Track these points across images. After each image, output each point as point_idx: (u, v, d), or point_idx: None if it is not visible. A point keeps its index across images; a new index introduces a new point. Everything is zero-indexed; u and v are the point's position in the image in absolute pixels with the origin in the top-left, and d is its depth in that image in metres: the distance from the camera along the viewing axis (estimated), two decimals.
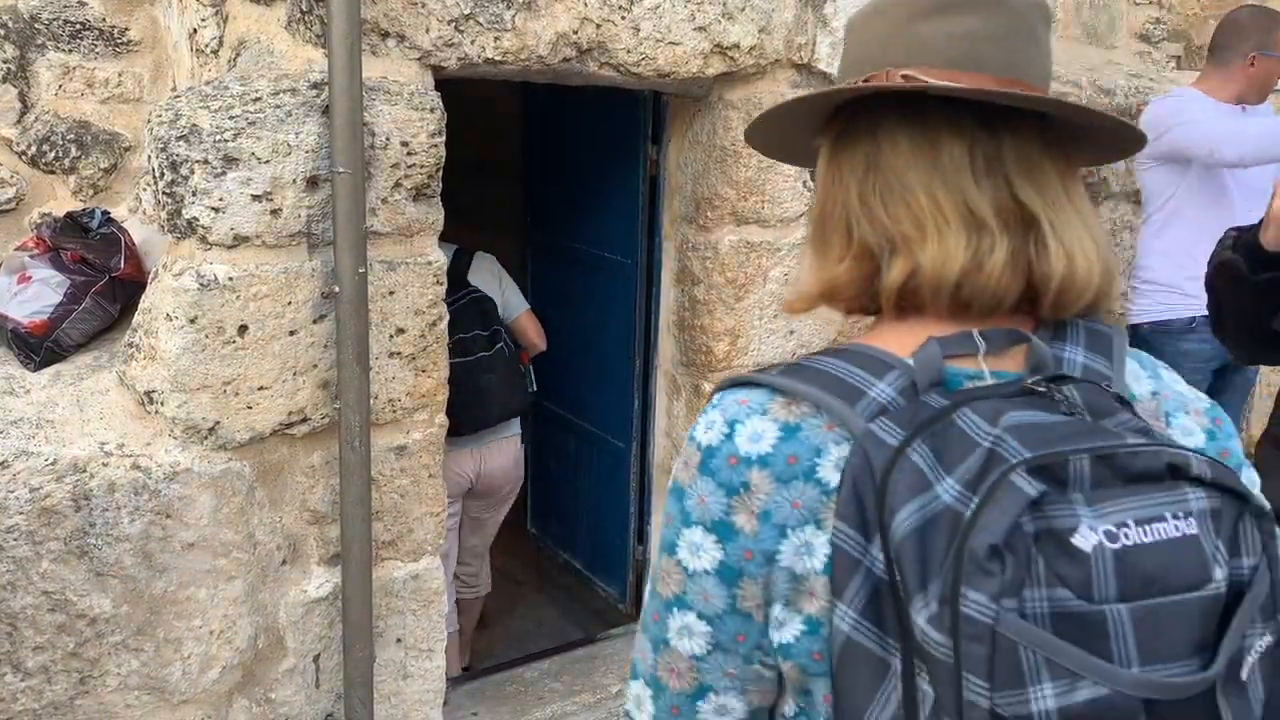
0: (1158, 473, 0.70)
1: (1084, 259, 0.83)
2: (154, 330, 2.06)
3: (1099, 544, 0.67)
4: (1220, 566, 0.69)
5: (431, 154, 2.24)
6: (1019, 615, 0.66)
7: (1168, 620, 0.67)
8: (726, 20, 2.63)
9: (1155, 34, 4.82)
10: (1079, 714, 0.65)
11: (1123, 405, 0.77)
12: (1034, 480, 0.68)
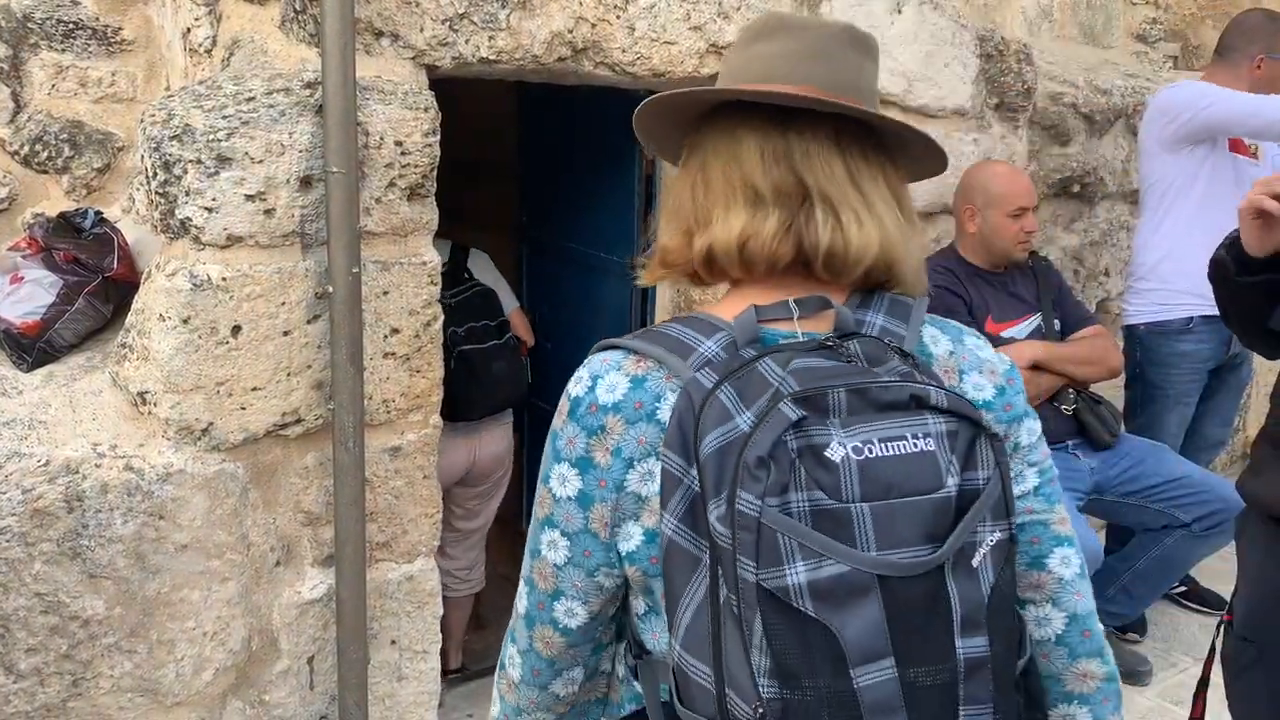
0: (903, 403, 0.89)
1: (856, 232, 1.00)
2: (147, 331, 2.05)
3: (846, 456, 0.86)
4: (953, 476, 0.88)
5: (425, 154, 2.23)
6: (782, 511, 0.84)
7: (902, 516, 0.86)
8: (722, 20, 2.62)
9: (1152, 34, 4.82)
10: (823, 586, 0.84)
11: (902, 356, 0.95)
12: (797, 408, 0.86)
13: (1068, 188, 3.66)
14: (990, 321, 2.97)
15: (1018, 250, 2.98)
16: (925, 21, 3.07)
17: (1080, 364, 2.96)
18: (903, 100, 3.07)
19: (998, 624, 0.89)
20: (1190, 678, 3.07)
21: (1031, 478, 1.04)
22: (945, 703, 0.86)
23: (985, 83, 3.30)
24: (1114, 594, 2.93)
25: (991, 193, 2.96)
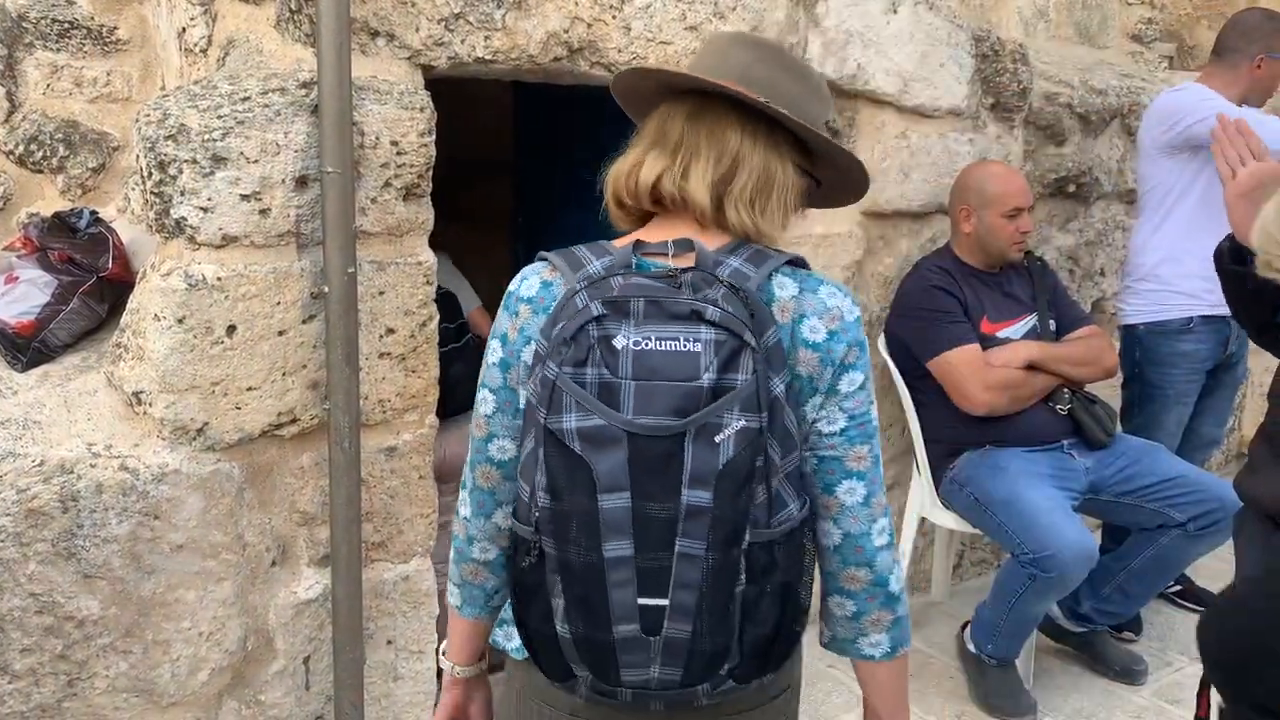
0: (685, 315, 1.15)
1: (698, 187, 1.27)
2: (142, 330, 2.05)
3: (626, 346, 1.14)
4: (710, 373, 1.13)
5: (421, 153, 2.23)
6: (575, 379, 1.14)
7: (658, 394, 1.12)
8: (718, 20, 2.62)
9: (1148, 34, 4.83)
10: (586, 432, 1.13)
11: (734, 291, 1.17)
12: (603, 308, 1.16)
13: (1063, 188, 3.67)
14: (986, 321, 2.97)
15: (1013, 250, 2.99)
16: (921, 21, 3.07)
17: (1076, 364, 2.97)
18: (898, 100, 3.07)
19: (724, 487, 1.12)
20: (1186, 676, 3.08)
21: (841, 420, 1.26)
22: (666, 533, 1.13)
23: (981, 83, 3.30)
24: (1109, 593, 2.94)
25: (987, 193, 2.96)
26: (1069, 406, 2.95)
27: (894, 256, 3.23)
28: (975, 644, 2.92)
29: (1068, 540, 2.59)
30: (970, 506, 2.89)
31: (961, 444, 2.97)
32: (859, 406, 1.27)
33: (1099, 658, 3.10)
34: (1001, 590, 2.78)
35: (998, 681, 2.87)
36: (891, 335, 3.11)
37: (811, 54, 2.85)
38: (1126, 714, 2.89)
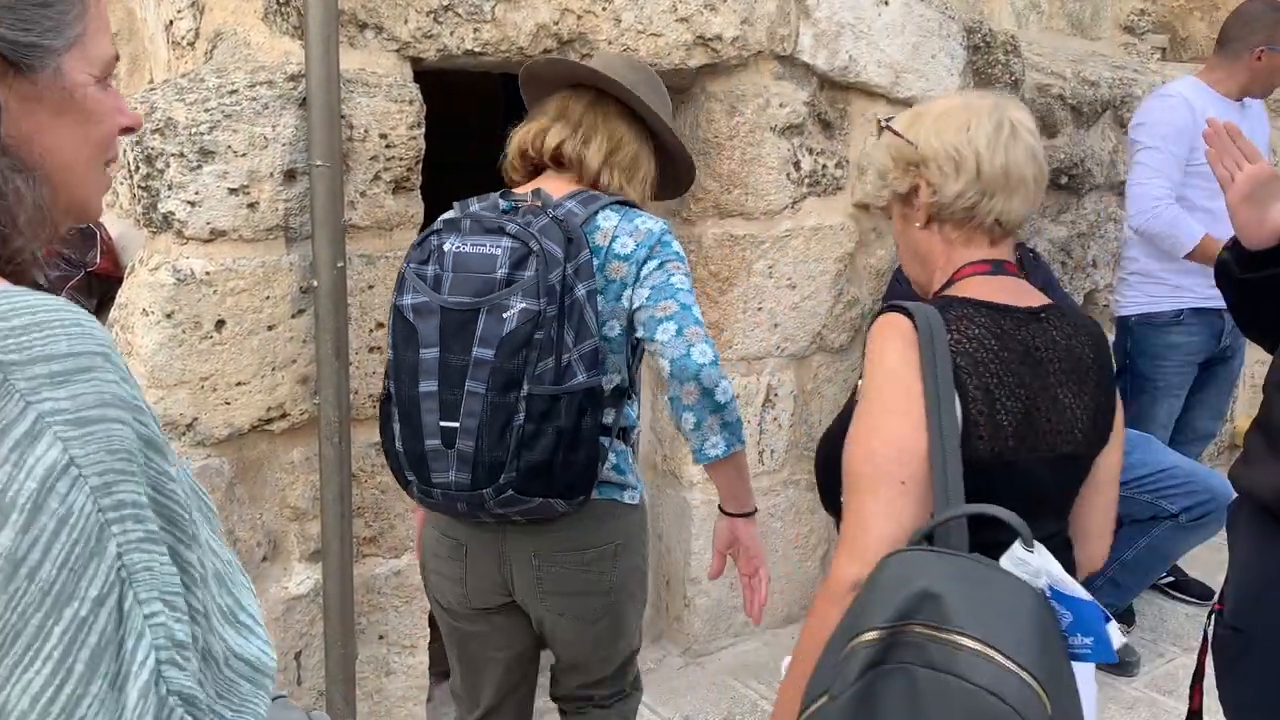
0: (496, 229, 1.61)
1: (594, 155, 1.74)
2: (130, 325, 2.04)
3: (449, 249, 1.62)
4: (504, 269, 1.58)
5: (411, 146, 2.22)
6: (417, 273, 1.63)
7: (467, 282, 1.59)
8: (709, 11, 2.61)
9: (1140, 25, 4.83)
10: (415, 305, 1.61)
11: (554, 220, 1.61)
12: (442, 224, 1.67)
13: (1055, 179, 3.66)
14: None
15: None
16: (912, 13, 3.06)
17: None
18: (890, 92, 3.07)
19: (505, 349, 1.56)
20: (1178, 667, 3.08)
21: (645, 292, 1.67)
22: (460, 376, 1.57)
23: (973, 74, 3.29)
24: (1101, 584, 2.94)
25: None
26: None
27: (886, 249, 3.22)
28: None
29: None
30: None
31: None
32: (658, 279, 1.68)
33: None
34: None
35: None
36: None
37: (803, 46, 2.84)
38: (1120, 705, 2.89)
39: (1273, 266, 1.57)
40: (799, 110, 2.88)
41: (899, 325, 1.31)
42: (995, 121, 1.39)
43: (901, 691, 1.05)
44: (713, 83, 2.78)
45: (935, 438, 1.26)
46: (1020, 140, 1.39)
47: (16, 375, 0.65)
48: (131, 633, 0.68)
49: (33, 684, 0.63)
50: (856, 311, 3.18)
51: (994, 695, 1.02)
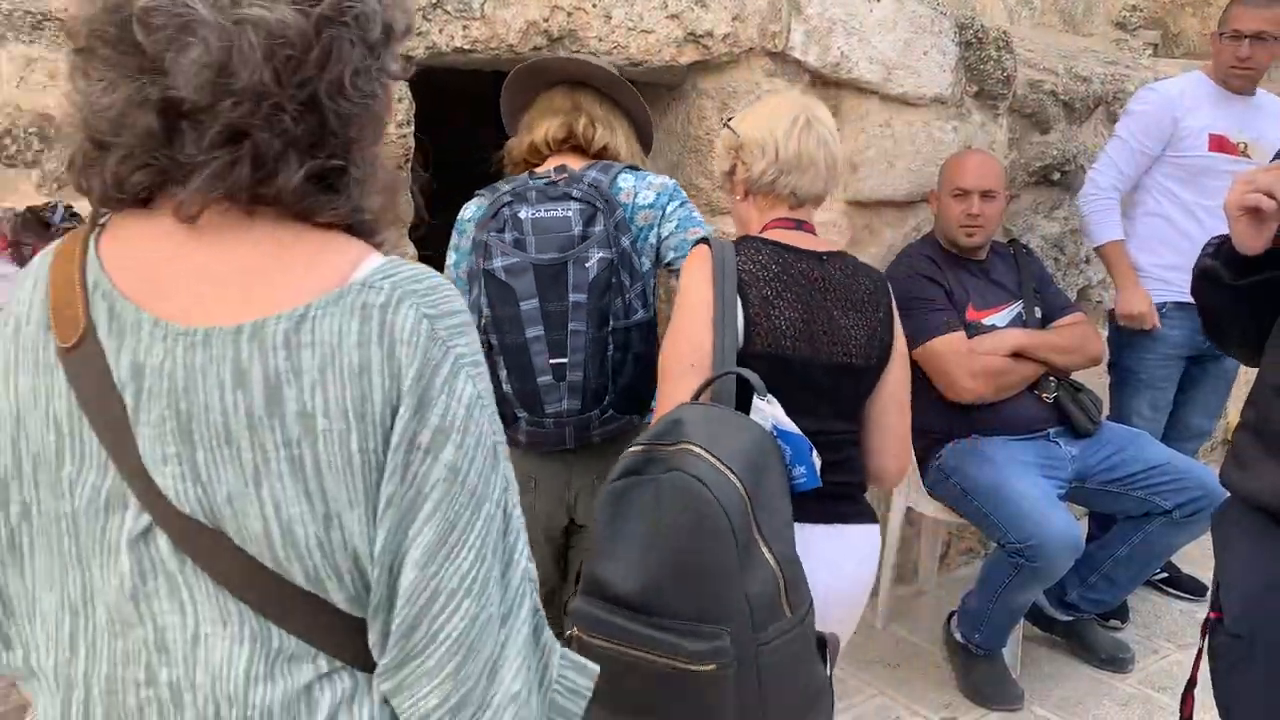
0: (560, 196, 1.87)
1: (604, 134, 2.01)
2: None
3: (528, 216, 1.86)
4: (579, 227, 1.85)
5: (400, 144, 2.21)
6: (498, 238, 1.84)
7: (547, 240, 1.84)
8: (700, 7, 2.60)
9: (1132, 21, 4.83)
10: (505, 266, 1.83)
11: (590, 186, 1.88)
12: (510, 196, 1.88)
13: (1048, 175, 3.66)
14: (971, 308, 2.96)
15: (961, 235, 2.95)
16: (904, 9, 3.06)
17: (1061, 352, 2.96)
18: (882, 88, 3.06)
19: (594, 291, 1.83)
20: (1172, 664, 3.08)
21: (672, 224, 1.96)
22: (561, 318, 1.82)
23: (965, 70, 3.29)
24: (1096, 581, 2.94)
25: (944, 175, 2.99)
26: (1055, 395, 2.95)
27: (879, 246, 3.22)
28: (962, 634, 2.92)
29: (1054, 529, 2.58)
30: (956, 496, 2.89)
31: (947, 433, 2.96)
32: (682, 214, 1.97)
33: (1086, 646, 3.10)
34: (988, 580, 2.78)
35: (985, 671, 2.87)
36: None
37: (794, 43, 2.83)
38: (1114, 701, 2.89)
39: (1267, 271, 1.53)
40: None
41: (700, 252, 1.78)
42: (793, 117, 1.82)
43: (648, 492, 1.46)
44: (704, 79, 2.77)
45: (719, 333, 1.69)
46: (813, 131, 1.82)
47: (439, 325, 0.83)
48: (512, 530, 0.86)
49: (461, 566, 0.81)
50: None
51: (702, 482, 1.41)
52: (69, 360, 0.82)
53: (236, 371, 0.79)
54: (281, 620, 0.82)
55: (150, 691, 0.82)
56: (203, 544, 0.80)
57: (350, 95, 0.83)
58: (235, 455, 0.79)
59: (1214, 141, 3.16)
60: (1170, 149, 3.20)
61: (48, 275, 0.86)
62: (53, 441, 0.83)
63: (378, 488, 0.80)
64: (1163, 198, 3.24)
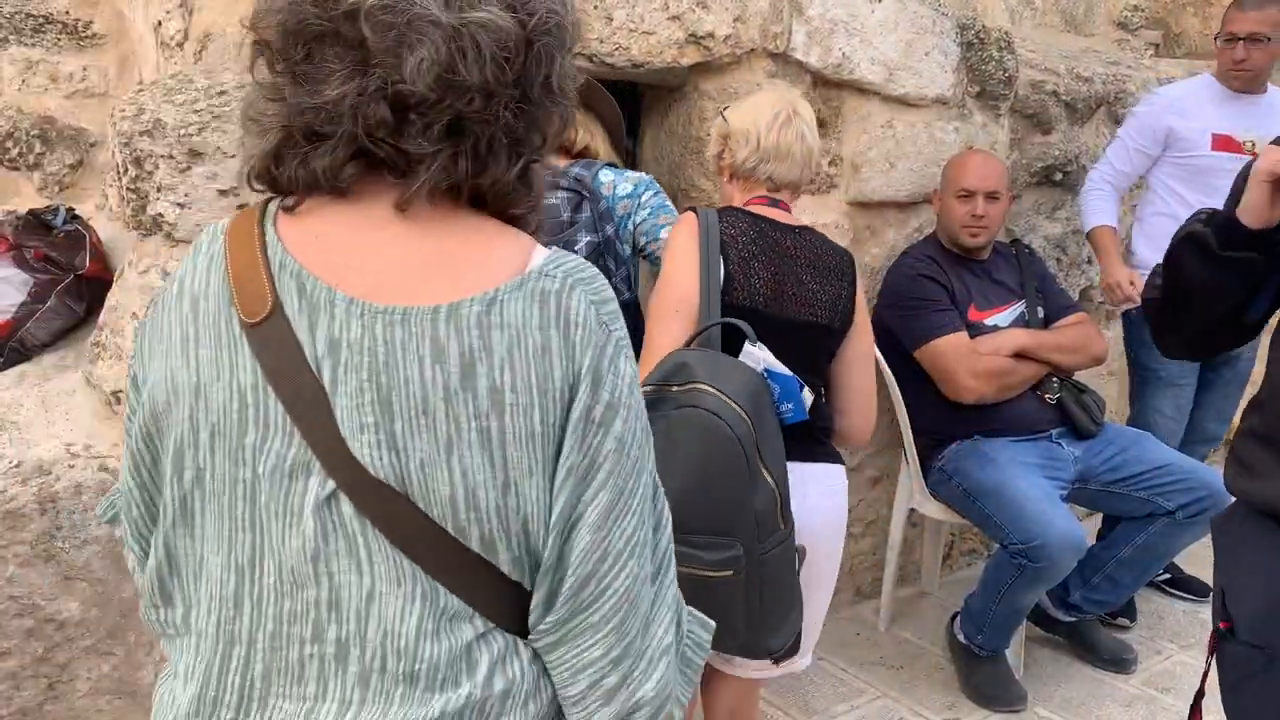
0: (550, 185, 1.72)
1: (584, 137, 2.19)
2: (120, 329, 2.02)
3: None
4: (567, 213, 2.01)
5: None
6: None
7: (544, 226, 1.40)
8: (701, 9, 2.60)
9: (1134, 21, 4.82)
10: None
11: (575, 179, 2.03)
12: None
13: (1050, 176, 3.66)
14: (973, 309, 2.96)
15: (965, 235, 2.95)
16: (906, 9, 3.05)
17: (1064, 352, 2.96)
18: (884, 89, 3.06)
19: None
20: (1175, 665, 3.08)
21: (645, 211, 2.12)
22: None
23: (966, 71, 3.28)
24: (1099, 582, 2.93)
25: (948, 175, 2.99)
26: (1058, 395, 2.94)
27: (881, 246, 3.21)
28: (965, 634, 2.91)
29: (1056, 530, 2.58)
30: (959, 497, 2.88)
31: (950, 434, 2.96)
32: (655, 202, 2.13)
33: (1089, 647, 3.09)
34: (991, 581, 2.78)
35: (988, 672, 2.87)
36: (878, 325, 3.09)
37: (795, 43, 2.83)
38: (1117, 703, 2.89)
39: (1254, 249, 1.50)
40: None
41: (688, 217, 1.96)
42: (775, 111, 2.02)
43: (660, 427, 1.55)
44: (705, 81, 2.77)
45: (704, 284, 1.88)
46: (793, 126, 2.02)
47: (602, 311, 0.91)
48: (659, 496, 0.96)
49: (625, 529, 0.90)
50: None
51: (715, 415, 1.63)
52: (254, 334, 0.87)
53: (435, 348, 0.85)
54: (450, 582, 0.88)
55: (314, 648, 0.88)
56: (387, 508, 0.86)
57: (555, 97, 0.92)
58: (431, 425, 0.85)
59: (1218, 141, 3.18)
60: (1171, 149, 3.24)
61: (224, 254, 0.91)
62: (235, 411, 0.87)
63: (554, 458, 0.88)
64: (1169, 197, 3.26)
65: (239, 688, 0.90)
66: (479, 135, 0.87)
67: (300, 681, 0.89)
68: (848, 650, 3.14)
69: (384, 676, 0.88)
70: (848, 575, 3.42)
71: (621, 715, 0.91)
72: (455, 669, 0.89)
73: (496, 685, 0.90)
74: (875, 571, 3.44)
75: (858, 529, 3.40)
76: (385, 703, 0.88)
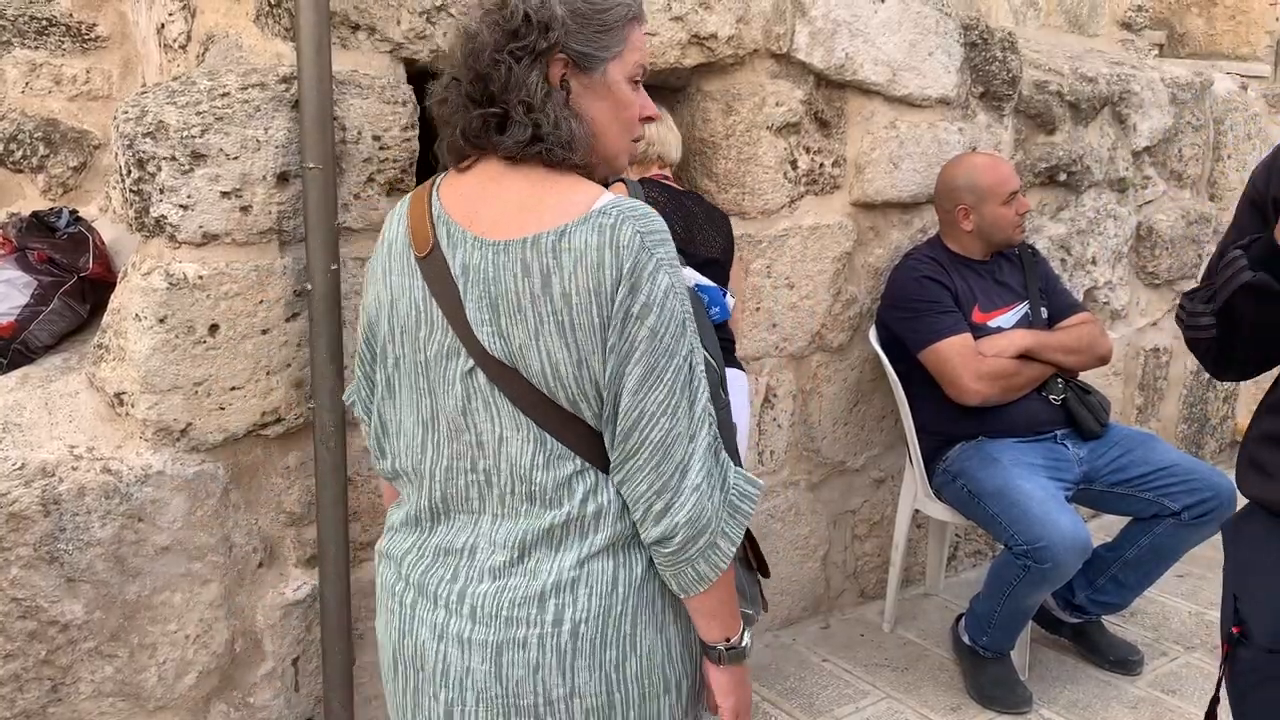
0: None
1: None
2: (123, 331, 2.02)
3: None
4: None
5: (404, 148, 2.20)
6: None
7: None
8: (704, 10, 2.60)
9: (1138, 21, 4.81)
10: None
11: None
12: None
13: (1054, 176, 3.65)
14: (977, 310, 2.95)
15: (1016, 234, 2.99)
16: (909, 10, 3.05)
17: (1068, 352, 2.95)
18: (887, 90, 3.05)
19: None
20: (1181, 666, 3.07)
21: None
22: None
23: (970, 71, 3.28)
24: (1104, 584, 2.93)
25: (981, 186, 2.95)
26: (1063, 396, 2.94)
27: (884, 247, 3.21)
28: (970, 636, 2.91)
29: (1061, 531, 2.57)
30: (963, 498, 2.88)
31: (954, 435, 2.95)
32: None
33: (1095, 648, 3.08)
34: (996, 582, 2.77)
35: (993, 673, 2.86)
36: (882, 326, 3.09)
37: (799, 44, 2.83)
38: (1123, 704, 2.88)
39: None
40: (795, 109, 2.87)
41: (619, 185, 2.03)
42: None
43: None
44: (708, 82, 2.76)
45: None
46: (666, 120, 2.53)
47: (647, 238, 1.22)
48: (695, 379, 1.26)
49: (657, 396, 1.22)
50: (855, 310, 3.17)
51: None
52: (423, 264, 1.29)
53: (524, 267, 1.22)
54: (553, 431, 1.26)
55: (473, 476, 1.30)
56: (505, 377, 1.25)
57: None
58: (524, 319, 1.22)
59: None
60: None
61: (407, 212, 1.34)
62: (414, 315, 1.30)
63: (607, 342, 1.22)
64: None
65: (429, 508, 1.34)
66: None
67: (466, 500, 1.31)
68: (852, 651, 3.13)
69: (514, 497, 1.29)
70: (852, 577, 3.41)
71: (665, 533, 1.25)
72: (559, 493, 1.27)
73: (589, 507, 1.28)
74: (880, 573, 3.43)
75: (862, 530, 3.40)
76: (516, 516, 1.29)
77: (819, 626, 3.29)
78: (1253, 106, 4.49)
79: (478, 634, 1.28)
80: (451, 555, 1.32)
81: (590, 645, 1.28)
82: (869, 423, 3.31)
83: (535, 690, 1.28)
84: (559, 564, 1.28)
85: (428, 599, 1.32)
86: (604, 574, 1.29)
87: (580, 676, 1.28)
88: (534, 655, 1.27)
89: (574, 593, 1.28)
